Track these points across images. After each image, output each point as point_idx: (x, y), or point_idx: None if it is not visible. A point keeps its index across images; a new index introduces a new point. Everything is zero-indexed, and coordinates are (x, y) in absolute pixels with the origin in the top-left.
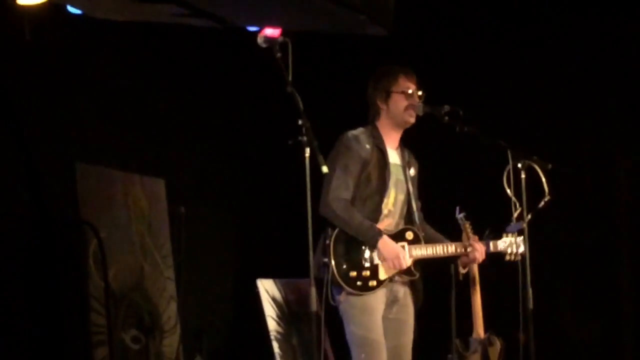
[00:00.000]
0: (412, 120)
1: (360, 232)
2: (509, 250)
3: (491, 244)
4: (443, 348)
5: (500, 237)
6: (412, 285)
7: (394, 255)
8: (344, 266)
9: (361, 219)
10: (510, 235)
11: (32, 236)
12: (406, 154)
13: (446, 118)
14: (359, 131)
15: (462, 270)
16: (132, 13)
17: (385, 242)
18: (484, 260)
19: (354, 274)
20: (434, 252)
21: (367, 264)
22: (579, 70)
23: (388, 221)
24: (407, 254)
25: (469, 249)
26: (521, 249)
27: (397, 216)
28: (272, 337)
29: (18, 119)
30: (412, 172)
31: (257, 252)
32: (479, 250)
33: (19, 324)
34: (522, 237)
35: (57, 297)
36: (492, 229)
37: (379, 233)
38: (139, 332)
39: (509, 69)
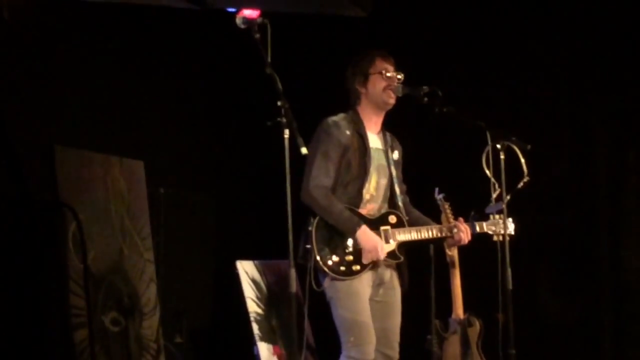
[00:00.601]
0: (392, 101)
1: (339, 221)
2: (497, 231)
3: (477, 225)
4: (423, 329)
5: (486, 219)
6: (397, 267)
7: (371, 246)
8: (327, 252)
9: (341, 207)
10: (497, 215)
11: (11, 218)
12: (388, 137)
13: (425, 99)
14: (339, 117)
15: (449, 252)
16: None
17: (363, 233)
18: (469, 242)
19: (336, 259)
20: (419, 235)
21: (349, 249)
22: (557, 51)
23: (371, 206)
24: (384, 245)
25: (454, 231)
26: (510, 229)
27: (379, 200)
28: (252, 319)
29: None
30: (395, 155)
31: (236, 233)
32: (464, 232)
33: None
34: (510, 218)
35: (36, 279)
36: (477, 209)
37: (358, 223)
38: (119, 315)
39: (487, 50)
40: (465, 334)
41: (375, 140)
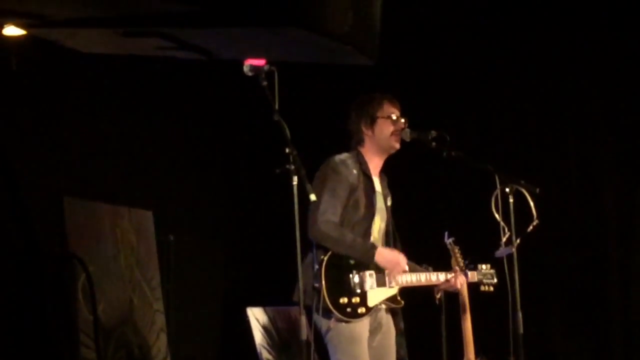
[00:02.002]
0: (398, 146)
1: (354, 248)
2: (483, 281)
3: (469, 273)
4: None
5: (477, 268)
6: (393, 313)
7: (394, 261)
8: (335, 292)
9: (353, 236)
10: (485, 266)
11: (20, 270)
12: (385, 183)
13: (433, 143)
14: (345, 156)
15: (437, 295)
16: (118, 47)
17: (381, 252)
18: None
19: (344, 300)
20: (419, 279)
21: (357, 290)
22: (565, 93)
23: None
24: (385, 293)
25: (449, 277)
26: (494, 280)
27: (380, 244)
28: None
29: (5, 152)
30: (389, 202)
31: (246, 280)
32: (461, 281)
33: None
34: (493, 270)
35: (46, 331)
36: (472, 258)
37: (373, 246)
38: None
39: (495, 94)
40: None
41: (377, 183)
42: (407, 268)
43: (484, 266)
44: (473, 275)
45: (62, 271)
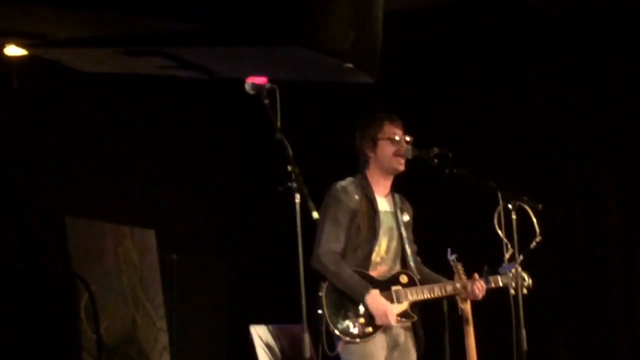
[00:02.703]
0: (401, 167)
1: (348, 286)
2: (512, 284)
3: (491, 279)
4: None
5: (499, 273)
6: (413, 330)
7: (381, 312)
8: (338, 317)
9: (350, 272)
10: (514, 270)
11: (23, 290)
12: (398, 200)
13: (435, 160)
14: (347, 182)
15: (462, 306)
16: (119, 66)
17: (372, 298)
18: (483, 297)
19: (348, 323)
20: (431, 294)
21: (360, 312)
22: (566, 110)
23: (381, 268)
24: (394, 307)
25: (468, 285)
26: (527, 282)
27: (390, 262)
28: None
29: (6, 171)
30: (405, 217)
31: (249, 298)
32: (478, 287)
33: None
34: (526, 272)
35: (49, 351)
36: (490, 264)
37: (366, 288)
38: None
39: (496, 110)
40: None
41: (384, 204)
42: (393, 322)
43: (512, 270)
44: (496, 281)
45: (64, 291)
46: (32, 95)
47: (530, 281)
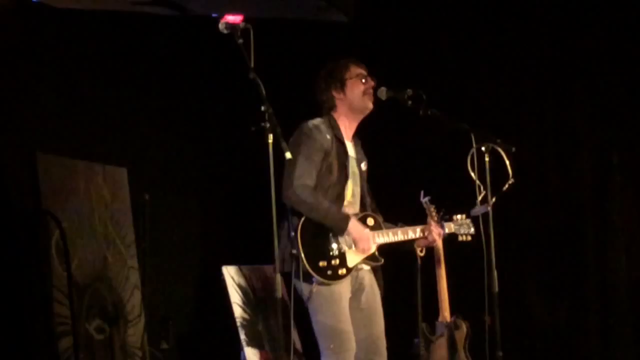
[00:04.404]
0: (371, 105)
1: (328, 216)
2: (460, 231)
3: (446, 225)
4: (409, 332)
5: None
6: (374, 272)
7: (365, 236)
8: (313, 256)
9: (328, 204)
10: (460, 216)
11: None
12: (359, 146)
13: (409, 102)
14: (318, 121)
15: (420, 253)
16: (91, 2)
17: (354, 225)
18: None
19: (323, 263)
20: (395, 237)
21: (335, 252)
22: (541, 52)
23: (348, 211)
24: (375, 237)
25: (426, 232)
26: (472, 230)
27: (356, 207)
28: (238, 324)
29: None
30: (363, 166)
31: (221, 238)
32: (437, 232)
33: None
34: (469, 219)
35: (19, 288)
36: (446, 210)
37: (347, 216)
38: (103, 322)
39: (471, 53)
40: (453, 337)
41: (350, 148)
42: (373, 249)
43: (459, 216)
44: (449, 227)
45: (35, 228)
46: (3, 32)
47: (473, 230)
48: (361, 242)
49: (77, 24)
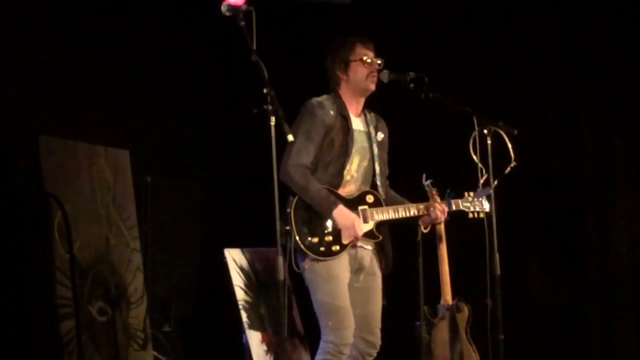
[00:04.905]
0: (373, 87)
1: (315, 200)
2: (471, 208)
3: (452, 202)
4: (411, 315)
5: (461, 196)
6: (381, 251)
7: (349, 224)
8: (306, 233)
9: (318, 187)
10: (471, 193)
11: None
12: (373, 118)
13: (411, 85)
14: (322, 98)
15: (424, 230)
16: None
17: (339, 212)
18: (446, 220)
19: (315, 240)
20: (396, 214)
21: (328, 230)
22: (543, 35)
23: (350, 187)
24: (361, 223)
25: (430, 209)
26: (485, 207)
27: (359, 182)
28: (241, 306)
29: None
30: (380, 136)
31: (224, 221)
32: (440, 209)
33: None
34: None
35: (22, 270)
36: (452, 187)
37: (334, 202)
38: (106, 304)
39: (473, 36)
40: (454, 320)
41: (357, 123)
42: (360, 234)
43: (471, 193)
44: (457, 204)
45: (38, 210)
46: (5, 12)
47: (487, 208)
48: (346, 230)
49: (78, 5)
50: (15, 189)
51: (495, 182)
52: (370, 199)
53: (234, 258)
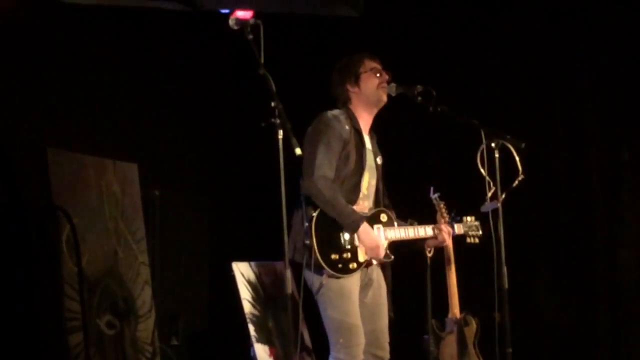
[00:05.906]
0: (385, 98)
1: (342, 215)
2: (469, 233)
3: (455, 226)
4: (419, 328)
5: (461, 220)
6: (382, 267)
7: (374, 244)
8: (327, 249)
9: (344, 202)
10: (470, 218)
11: (4, 223)
12: (375, 141)
13: (419, 98)
14: (337, 111)
15: (429, 254)
16: None
17: (364, 230)
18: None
19: (335, 256)
20: (407, 234)
21: (347, 246)
22: (551, 49)
23: (363, 204)
24: (384, 244)
25: (436, 232)
26: (479, 232)
27: (370, 200)
28: (248, 320)
29: None
30: (379, 160)
31: (231, 234)
32: (446, 232)
33: None
34: (478, 222)
35: (30, 283)
36: (457, 211)
37: (360, 219)
38: (114, 318)
39: (481, 49)
40: (462, 334)
41: (367, 141)
42: (382, 256)
43: (469, 218)
44: (459, 228)
45: (46, 223)
46: (14, 27)
47: (481, 232)
48: (370, 251)
49: (87, 20)
50: (24, 203)
51: (503, 196)
52: (384, 217)
53: (242, 271)
